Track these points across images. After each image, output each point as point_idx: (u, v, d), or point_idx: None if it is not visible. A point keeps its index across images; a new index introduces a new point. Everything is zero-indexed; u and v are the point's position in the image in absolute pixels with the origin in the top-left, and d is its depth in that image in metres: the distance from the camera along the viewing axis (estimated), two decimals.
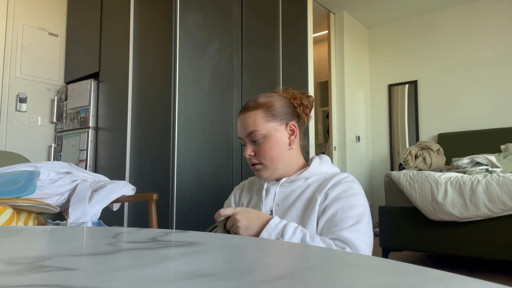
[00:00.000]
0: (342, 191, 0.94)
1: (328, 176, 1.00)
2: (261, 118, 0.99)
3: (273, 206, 1.01)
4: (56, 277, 0.35)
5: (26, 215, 1.44)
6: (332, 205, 0.92)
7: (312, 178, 1.01)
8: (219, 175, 2.47)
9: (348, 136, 4.18)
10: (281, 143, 1.01)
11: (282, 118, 1.01)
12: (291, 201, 1.00)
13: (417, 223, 2.66)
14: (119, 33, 2.65)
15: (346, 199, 0.92)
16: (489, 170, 2.75)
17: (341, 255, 0.47)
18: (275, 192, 1.02)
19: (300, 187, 1.01)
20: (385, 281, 0.34)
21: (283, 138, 1.01)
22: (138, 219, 2.36)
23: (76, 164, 2.67)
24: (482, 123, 3.87)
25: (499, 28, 3.87)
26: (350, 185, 0.96)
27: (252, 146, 1.01)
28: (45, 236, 0.64)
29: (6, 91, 2.77)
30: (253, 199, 1.09)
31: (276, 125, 1.00)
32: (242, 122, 1.02)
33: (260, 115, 1.00)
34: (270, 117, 1.00)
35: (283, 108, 1.02)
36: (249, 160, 1.03)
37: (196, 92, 2.39)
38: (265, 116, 1.00)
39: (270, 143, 0.99)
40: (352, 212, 0.90)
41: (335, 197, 0.93)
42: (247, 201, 1.12)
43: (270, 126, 0.99)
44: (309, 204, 0.96)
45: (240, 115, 1.03)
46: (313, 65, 3.70)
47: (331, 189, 0.95)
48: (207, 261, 0.41)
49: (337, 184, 0.96)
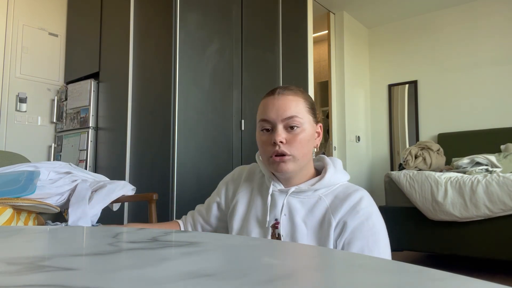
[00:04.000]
0: (362, 222, 0.86)
1: (341, 193, 0.91)
2: (303, 106, 0.91)
3: (280, 216, 0.93)
4: (56, 277, 0.35)
5: (26, 215, 1.44)
6: (355, 241, 0.85)
7: (322, 190, 0.93)
8: (219, 175, 2.47)
9: (348, 136, 4.18)
10: (312, 140, 0.93)
11: (316, 116, 0.95)
12: (300, 215, 0.91)
13: (417, 223, 2.66)
14: (119, 33, 2.65)
15: (370, 233, 0.86)
16: (489, 170, 2.75)
17: (341, 255, 0.47)
18: (283, 203, 0.93)
19: (309, 198, 0.93)
20: (385, 281, 0.34)
21: (314, 136, 0.94)
22: (138, 219, 2.36)
23: (76, 164, 2.67)
24: (482, 123, 3.87)
25: (499, 28, 3.87)
26: (368, 211, 0.88)
27: (285, 133, 0.90)
28: (45, 236, 0.64)
29: (6, 91, 2.76)
30: (255, 202, 0.99)
31: (312, 120, 0.93)
32: (282, 104, 0.90)
33: (302, 103, 0.91)
34: (310, 110, 0.93)
35: (315, 107, 0.97)
36: (274, 148, 0.89)
37: (196, 92, 2.39)
38: (306, 107, 0.92)
39: (306, 136, 0.90)
40: (378, 249, 0.85)
41: (356, 230, 0.86)
42: (246, 199, 1.02)
43: (309, 118, 0.92)
44: (321, 226, 0.89)
45: (276, 96, 0.91)
46: (313, 65, 3.70)
47: (348, 216, 0.87)
48: (207, 261, 0.41)
49: (354, 210, 0.88)
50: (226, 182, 1.09)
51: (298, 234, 0.90)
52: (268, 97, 0.93)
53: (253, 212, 0.98)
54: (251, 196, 1.02)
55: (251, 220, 0.98)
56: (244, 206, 1.01)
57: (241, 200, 1.02)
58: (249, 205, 1.01)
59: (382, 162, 4.51)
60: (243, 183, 1.05)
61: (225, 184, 1.09)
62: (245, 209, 1.01)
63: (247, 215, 1.00)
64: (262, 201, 0.98)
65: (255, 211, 0.98)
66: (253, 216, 0.98)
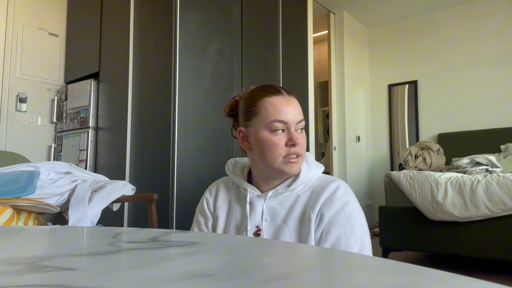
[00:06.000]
0: (338, 211, 0.87)
1: (317, 187, 0.92)
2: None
3: (261, 223, 0.92)
4: (56, 277, 0.35)
5: (26, 215, 1.44)
6: (332, 230, 0.86)
7: (299, 188, 0.93)
8: (219, 175, 2.46)
9: (348, 136, 4.18)
10: None
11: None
12: (281, 217, 0.92)
13: (417, 223, 2.66)
14: (119, 33, 2.65)
15: (346, 221, 0.86)
16: (489, 170, 2.75)
17: (341, 255, 0.48)
18: (262, 209, 0.93)
19: (288, 199, 0.93)
20: (385, 281, 0.34)
21: None
22: (138, 219, 2.36)
23: (76, 164, 2.67)
24: (482, 123, 3.87)
25: (499, 28, 3.87)
26: (343, 200, 0.89)
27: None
28: (45, 236, 0.64)
29: (6, 91, 2.76)
30: (234, 212, 0.98)
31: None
32: (295, 105, 0.91)
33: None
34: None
35: None
36: (289, 149, 0.89)
37: (196, 92, 2.39)
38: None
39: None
40: (354, 237, 0.85)
41: (332, 220, 0.87)
42: (225, 212, 1.00)
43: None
44: (302, 223, 0.89)
45: (286, 97, 0.91)
46: (313, 65, 3.70)
47: (325, 207, 0.88)
48: (207, 261, 0.41)
49: (330, 201, 0.89)
50: (205, 198, 1.06)
51: (281, 236, 0.90)
52: (276, 96, 0.91)
53: (232, 223, 0.97)
54: (229, 208, 1.01)
55: (231, 232, 0.97)
56: (224, 219, 1.00)
57: (221, 215, 1.01)
58: (228, 216, 0.99)
59: (382, 162, 4.51)
60: (219, 198, 1.03)
61: (204, 199, 1.06)
62: (224, 221, 0.99)
63: (226, 227, 0.98)
64: (241, 210, 0.97)
65: (235, 221, 0.97)
66: (232, 227, 0.97)
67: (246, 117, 0.94)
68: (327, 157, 4.17)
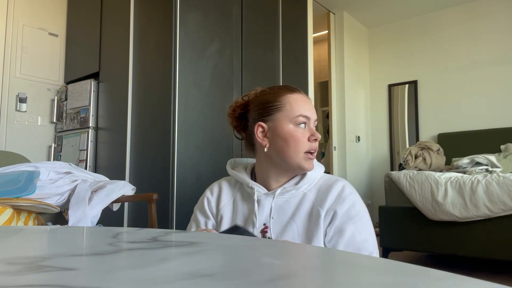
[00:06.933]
0: (349, 208, 0.91)
1: (323, 185, 0.95)
2: None
3: (269, 220, 0.94)
4: (56, 277, 0.35)
5: (26, 215, 1.44)
6: (346, 226, 0.89)
7: (305, 186, 0.96)
8: (219, 175, 2.46)
9: (348, 136, 4.18)
10: None
11: None
12: (288, 214, 0.93)
13: (417, 223, 2.66)
14: (119, 33, 2.65)
15: (357, 217, 0.90)
16: (489, 170, 2.75)
17: (341, 255, 0.47)
18: (270, 206, 0.94)
19: (294, 197, 0.95)
20: (385, 281, 0.34)
21: None
22: (138, 219, 2.36)
23: (76, 164, 2.67)
24: (482, 123, 3.87)
25: (499, 28, 3.87)
26: (352, 198, 0.93)
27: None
28: (45, 236, 0.64)
29: (6, 91, 2.76)
30: (239, 211, 0.98)
31: None
32: (312, 106, 0.97)
33: None
34: None
35: None
36: (310, 145, 0.93)
37: (196, 92, 2.39)
38: None
39: None
40: (366, 232, 0.90)
41: (345, 216, 0.90)
42: (230, 211, 1.00)
43: None
44: (310, 218, 0.91)
45: (304, 95, 0.98)
46: (313, 65, 3.70)
47: (337, 205, 0.91)
48: (207, 261, 0.41)
49: (340, 198, 0.92)
50: (206, 197, 1.05)
51: (289, 233, 0.91)
52: (298, 94, 0.96)
53: (238, 222, 0.97)
54: (234, 207, 1.00)
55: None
56: (229, 218, 0.99)
57: (225, 214, 1.00)
58: (233, 215, 0.99)
59: (382, 162, 4.51)
60: (223, 198, 1.02)
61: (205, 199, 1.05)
62: (230, 221, 0.99)
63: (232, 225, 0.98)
64: (247, 209, 0.98)
65: (241, 219, 0.97)
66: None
67: (267, 112, 0.96)
68: (327, 157, 4.17)
